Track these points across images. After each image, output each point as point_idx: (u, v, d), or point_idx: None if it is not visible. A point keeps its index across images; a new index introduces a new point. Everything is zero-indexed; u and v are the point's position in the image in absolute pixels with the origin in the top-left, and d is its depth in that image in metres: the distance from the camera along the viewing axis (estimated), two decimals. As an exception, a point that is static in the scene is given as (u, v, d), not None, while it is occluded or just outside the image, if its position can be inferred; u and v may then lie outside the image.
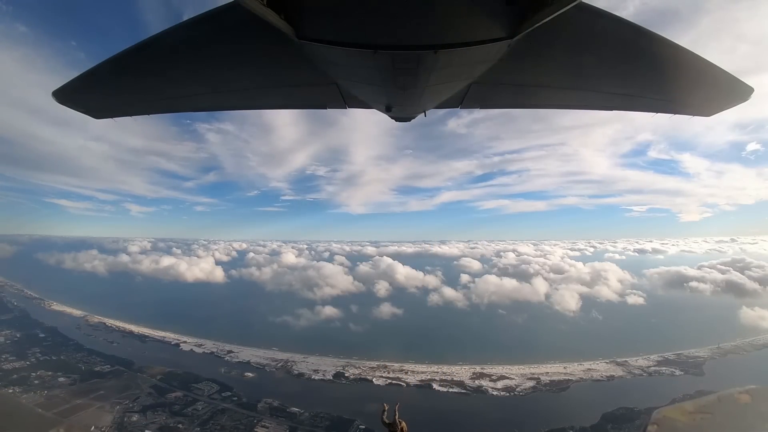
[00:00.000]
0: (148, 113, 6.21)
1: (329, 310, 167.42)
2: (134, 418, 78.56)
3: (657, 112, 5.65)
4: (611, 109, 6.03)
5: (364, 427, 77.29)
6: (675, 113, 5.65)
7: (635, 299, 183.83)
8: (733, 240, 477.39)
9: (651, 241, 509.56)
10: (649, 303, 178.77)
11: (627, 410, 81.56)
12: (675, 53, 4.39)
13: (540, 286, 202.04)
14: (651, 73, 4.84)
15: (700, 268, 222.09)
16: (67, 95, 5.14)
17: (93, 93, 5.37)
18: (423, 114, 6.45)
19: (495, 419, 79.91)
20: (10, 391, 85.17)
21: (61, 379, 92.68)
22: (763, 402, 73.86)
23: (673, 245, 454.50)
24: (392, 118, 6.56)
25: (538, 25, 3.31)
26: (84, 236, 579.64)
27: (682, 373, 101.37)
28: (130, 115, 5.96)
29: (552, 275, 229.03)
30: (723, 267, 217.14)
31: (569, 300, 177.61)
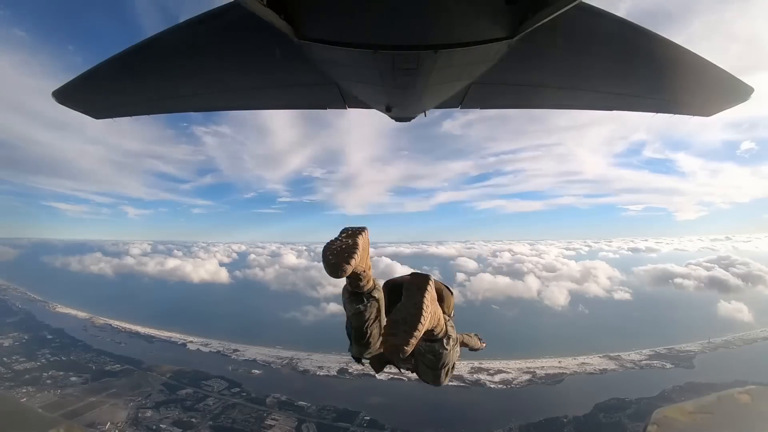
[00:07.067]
0: (148, 113, 6.23)
1: (333, 307, 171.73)
2: (148, 414, 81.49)
3: (657, 112, 5.63)
4: (611, 110, 5.98)
5: (369, 418, 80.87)
6: (675, 113, 5.65)
7: (622, 295, 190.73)
8: (728, 238, 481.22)
9: (646, 240, 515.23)
10: (636, 299, 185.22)
11: (618, 400, 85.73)
12: (675, 53, 4.42)
13: (532, 283, 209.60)
14: (651, 73, 4.83)
15: (687, 265, 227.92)
16: (67, 95, 5.18)
17: (93, 93, 5.39)
18: (423, 114, 6.39)
19: (493, 410, 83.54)
20: (24, 390, 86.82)
21: (73, 379, 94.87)
22: (763, 402, 73.81)
23: (667, 244, 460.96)
24: (392, 118, 6.49)
25: (538, 25, 3.34)
26: (82, 239, 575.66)
27: (673, 366, 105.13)
28: (130, 115, 5.94)
29: (544, 273, 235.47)
30: (708, 264, 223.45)
31: (558, 296, 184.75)
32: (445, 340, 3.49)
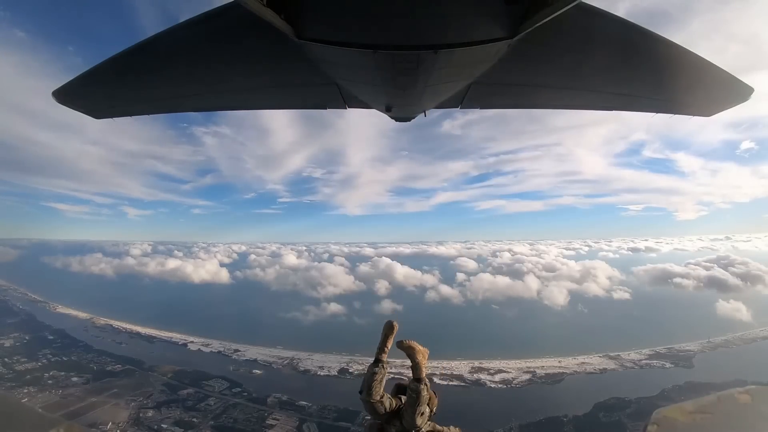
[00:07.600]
0: (149, 113, 6.24)
1: (334, 307, 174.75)
2: (150, 414, 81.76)
3: (657, 112, 5.63)
4: (611, 110, 5.98)
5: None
6: (675, 113, 5.64)
7: (621, 295, 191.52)
8: (727, 238, 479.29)
9: (646, 240, 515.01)
10: (635, 298, 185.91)
11: (618, 400, 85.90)
12: (675, 53, 4.43)
13: (532, 283, 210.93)
14: (651, 73, 4.83)
15: (686, 265, 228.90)
16: (67, 95, 5.15)
17: (93, 93, 5.35)
18: (423, 114, 6.40)
19: (493, 409, 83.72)
20: (25, 390, 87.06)
21: (75, 379, 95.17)
22: (763, 402, 73.07)
23: (667, 244, 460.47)
24: (392, 118, 6.51)
25: (538, 25, 3.34)
26: (83, 240, 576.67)
27: (673, 366, 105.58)
28: (131, 115, 5.91)
29: (544, 273, 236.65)
30: (707, 264, 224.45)
31: (558, 296, 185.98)
32: (424, 383, 5.06)
